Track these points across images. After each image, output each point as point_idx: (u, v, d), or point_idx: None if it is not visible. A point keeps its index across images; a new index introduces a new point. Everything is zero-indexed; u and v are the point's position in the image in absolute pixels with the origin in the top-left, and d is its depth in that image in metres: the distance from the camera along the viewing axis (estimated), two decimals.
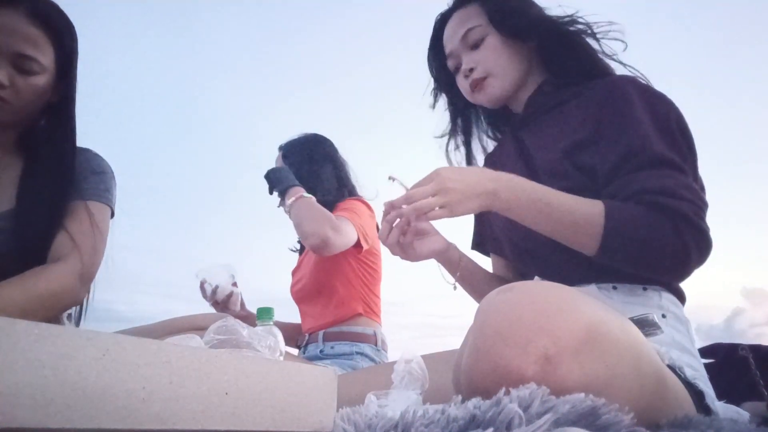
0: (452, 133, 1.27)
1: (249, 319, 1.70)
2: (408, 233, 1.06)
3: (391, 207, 1.09)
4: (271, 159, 1.95)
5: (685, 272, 0.88)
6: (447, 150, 1.28)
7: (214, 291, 1.66)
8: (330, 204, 1.78)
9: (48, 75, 1.15)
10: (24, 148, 1.23)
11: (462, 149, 1.28)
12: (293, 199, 1.61)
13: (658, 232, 0.83)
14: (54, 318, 1.17)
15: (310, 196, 1.63)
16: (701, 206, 0.86)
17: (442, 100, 1.27)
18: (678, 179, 0.87)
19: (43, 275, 1.10)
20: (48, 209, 1.17)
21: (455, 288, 1.16)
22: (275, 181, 1.68)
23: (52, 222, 1.17)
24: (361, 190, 1.92)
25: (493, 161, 1.21)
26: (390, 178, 0.97)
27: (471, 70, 1.10)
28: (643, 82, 1.01)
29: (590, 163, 0.94)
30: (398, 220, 1.08)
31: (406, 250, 1.07)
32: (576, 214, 0.87)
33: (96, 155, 1.31)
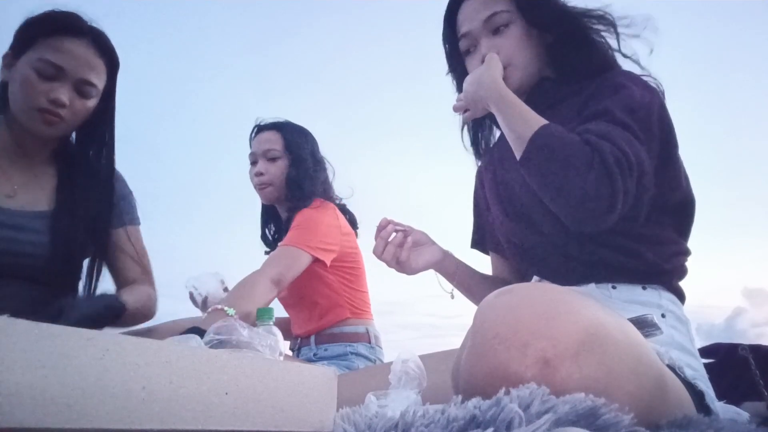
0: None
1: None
2: (404, 248, 1.07)
3: (386, 222, 1.09)
4: None
5: (583, 211, 0.85)
6: (461, 131, 1.27)
7: (205, 300, 1.62)
8: (301, 205, 1.68)
9: (98, 98, 1.26)
10: (58, 160, 1.32)
11: (471, 133, 1.27)
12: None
13: (573, 157, 0.84)
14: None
15: (221, 309, 1.32)
16: (628, 157, 0.84)
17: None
18: (622, 133, 0.87)
19: (147, 291, 1.33)
20: (83, 221, 1.27)
21: (452, 296, 1.16)
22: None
23: (89, 235, 1.28)
24: (336, 190, 1.85)
25: (492, 155, 1.21)
26: None
27: None
28: (643, 78, 1.01)
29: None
30: (394, 234, 1.09)
31: (402, 264, 1.07)
32: (528, 119, 0.92)
33: (120, 175, 1.40)
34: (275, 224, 1.90)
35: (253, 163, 1.77)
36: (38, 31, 1.19)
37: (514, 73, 1.06)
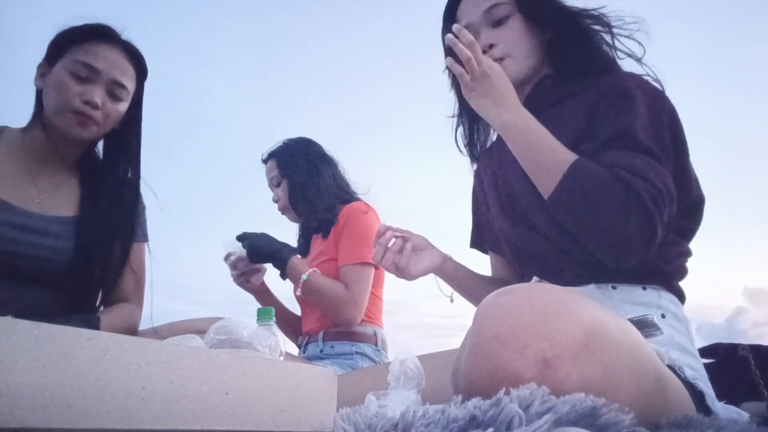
0: (459, 115, 1.25)
1: (264, 290, 1.79)
2: (403, 254, 1.07)
3: (385, 229, 1.10)
4: None
5: (622, 250, 0.86)
6: (455, 131, 1.26)
7: (242, 256, 1.70)
8: (333, 207, 1.78)
9: (127, 104, 1.29)
10: (82, 168, 1.34)
11: (466, 134, 1.26)
12: (299, 290, 1.64)
13: (609, 198, 0.83)
14: None
15: (309, 273, 1.63)
16: (661, 192, 0.85)
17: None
18: (649, 163, 0.87)
19: (132, 312, 1.33)
20: (106, 230, 1.28)
21: (452, 300, 1.17)
22: (268, 257, 1.68)
23: (113, 243, 1.30)
24: (354, 186, 1.93)
25: (491, 156, 1.21)
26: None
27: (491, 46, 1.06)
28: (646, 79, 1.01)
29: (583, 151, 0.94)
30: (393, 240, 1.09)
31: (401, 270, 1.07)
32: (552, 153, 0.89)
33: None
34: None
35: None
36: (73, 38, 1.24)
37: (511, 65, 1.06)
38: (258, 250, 1.68)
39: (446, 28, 1.19)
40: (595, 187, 0.85)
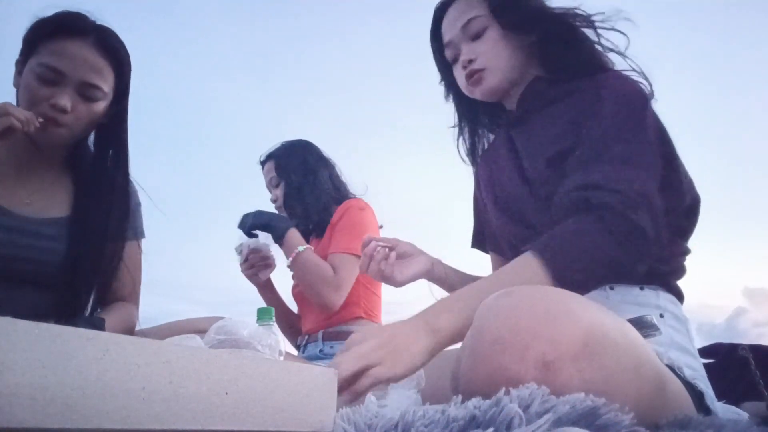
0: (459, 124, 1.26)
1: (268, 286, 1.81)
2: (388, 262, 1.07)
3: (369, 239, 1.10)
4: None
5: (628, 263, 0.83)
6: (457, 141, 1.27)
7: (256, 249, 1.72)
8: (328, 208, 1.81)
9: (106, 101, 1.21)
10: (71, 165, 1.29)
11: (467, 141, 1.26)
12: (291, 258, 1.66)
13: (590, 238, 0.81)
14: None
15: (306, 247, 1.66)
16: (634, 198, 0.82)
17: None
18: (615, 172, 0.84)
19: (130, 311, 1.29)
20: (99, 229, 1.24)
21: None
22: (267, 228, 1.70)
23: (104, 243, 1.26)
24: (352, 187, 1.95)
25: (487, 160, 1.21)
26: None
27: (470, 61, 1.08)
28: (630, 79, 1.00)
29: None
30: (378, 248, 1.09)
31: (387, 277, 1.07)
32: (519, 279, 0.81)
33: (132, 185, 1.36)
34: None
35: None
36: (40, 34, 1.16)
37: (491, 76, 1.07)
38: (258, 219, 1.69)
39: (434, 46, 1.20)
40: (573, 245, 0.81)
